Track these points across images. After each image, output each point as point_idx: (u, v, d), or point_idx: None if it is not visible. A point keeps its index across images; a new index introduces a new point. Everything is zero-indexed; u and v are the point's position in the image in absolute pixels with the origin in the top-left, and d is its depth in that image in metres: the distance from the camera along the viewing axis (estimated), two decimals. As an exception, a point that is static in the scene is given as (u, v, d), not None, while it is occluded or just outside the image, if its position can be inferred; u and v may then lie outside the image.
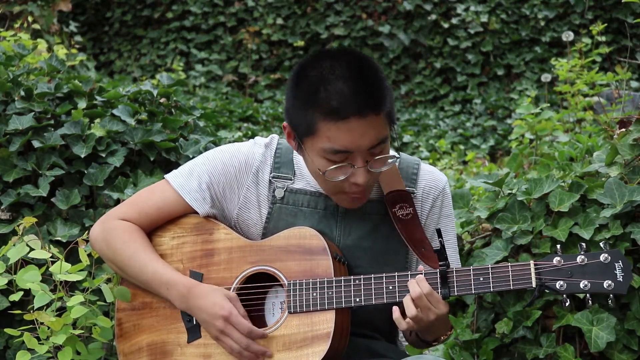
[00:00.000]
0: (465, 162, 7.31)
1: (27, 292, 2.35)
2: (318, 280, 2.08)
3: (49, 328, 2.20)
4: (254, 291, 2.15)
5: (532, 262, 1.98)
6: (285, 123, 2.13)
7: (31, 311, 2.20)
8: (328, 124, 1.99)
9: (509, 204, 2.76)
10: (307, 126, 2.03)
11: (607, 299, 1.98)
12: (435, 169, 2.31)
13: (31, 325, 2.22)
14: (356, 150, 2.02)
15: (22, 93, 3.04)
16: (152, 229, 2.27)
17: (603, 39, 7.59)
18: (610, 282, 1.94)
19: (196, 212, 2.24)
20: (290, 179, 2.23)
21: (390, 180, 2.22)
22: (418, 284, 2.00)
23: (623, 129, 2.90)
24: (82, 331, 2.27)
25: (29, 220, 2.34)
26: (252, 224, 2.23)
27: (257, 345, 2.06)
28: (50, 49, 6.38)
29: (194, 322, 2.16)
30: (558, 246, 2.04)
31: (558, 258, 1.98)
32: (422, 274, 2.03)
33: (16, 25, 5.77)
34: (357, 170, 2.04)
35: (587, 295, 1.99)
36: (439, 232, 2.01)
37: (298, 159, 2.25)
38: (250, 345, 2.06)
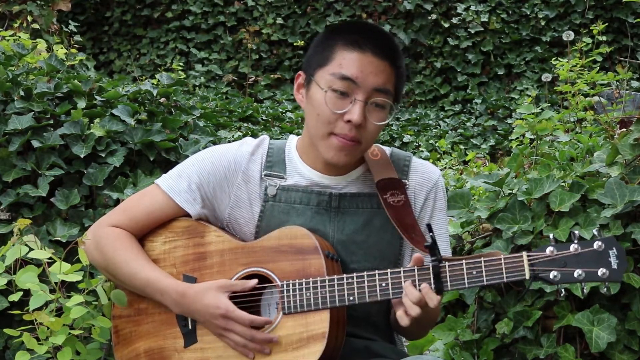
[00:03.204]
0: (465, 162, 7.30)
1: (27, 293, 2.34)
2: (311, 280, 2.07)
3: (48, 328, 2.19)
4: (248, 293, 2.15)
5: (524, 253, 1.95)
6: (299, 72, 2.21)
7: (30, 311, 2.19)
8: (344, 52, 2.10)
9: (509, 204, 2.76)
10: (323, 57, 2.12)
11: (603, 287, 1.96)
12: (428, 163, 2.30)
13: (30, 326, 2.22)
14: (361, 83, 2.08)
15: (22, 93, 3.04)
16: (144, 234, 2.27)
17: (604, 38, 7.58)
18: (604, 270, 1.89)
19: (187, 215, 2.23)
20: (283, 177, 2.22)
21: (382, 169, 2.22)
22: (408, 296, 1.99)
23: (624, 129, 2.90)
24: (82, 331, 2.27)
25: (23, 222, 2.32)
26: (244, 223, 2.22)
27: (262, 333, 2.06)
28: (49, 49, 6.36)
29: (190, 327, 2.16)
30: (551, 235, 2.01)
31: (551, 248, 1.94)
32: (414, 270, 2.01)
33: (15, 25, 5.76)
34: (355, 104, 2.08)
35: (583, 284, 1.97)
36: (429, 227, 2.00)
37: (290, 157, 2.25)
38: (254, 336, 2.05)
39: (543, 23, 9.85)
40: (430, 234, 1.98)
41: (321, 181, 2.21)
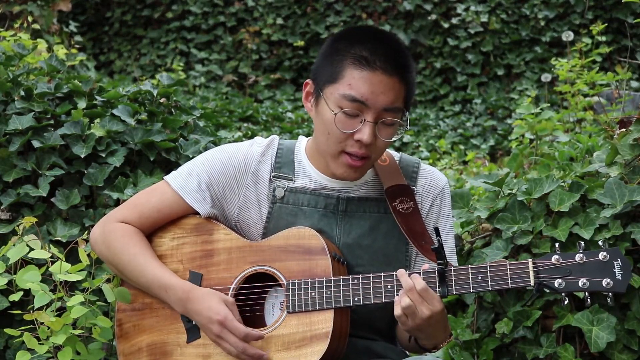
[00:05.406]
0: (465, 162, 7.30)
1: (27, 292, 2.35)
2: (317, 280, 2.08)
3: (49, 328, 2.19)
4: (253, 291, 2.16)
5: (530, 261, 1.98)
6: (307, 80, 2.18)
7: (31, 311, 2.20)
8: (354, 72, 2.07)
9: (509, 204, 2.76)
10: (332, 73, 2.10)
11: (607, 297, 1.98)
12: (436, 170, 2.31)
13: (31, 325, 2.22)
14: (371, 105, 2.07)
15: (22, 93, 3.05)
16: (153, 231, 2.27)
17: (603, 38, 7.59)
18: (609, 280, 1.93)
19: (196, 213, 2.24)
20: (291, 179, 2.23)
21: (391, 175, 2.23)
22: (412, 279, 2.00)
23: (623, 129, 2.90)
24: (82, 331, 2.27)
25: (29, 220, 2.34)
26: (252, 224, 2.23)
27: (254, 348, 2.06)
28: (50, 49, 6.36)
29: (193, 323, 2.17)
30: (557, 245, 2.04)
31: (556, 256, 1.97)
32: (419, 273, 2.03)
33: (16, 25, 5.76)
34: (365, 125, 2.07)
35: (586, 293, 1.99)
36: (437, 230, 2.01)
37: (299, 159, 2.25)
38: (246, 349, 2.06)
39: (543, 23, 9.85)
40: (437, 237, 2.00)
41: (330, 185, 2.22)
